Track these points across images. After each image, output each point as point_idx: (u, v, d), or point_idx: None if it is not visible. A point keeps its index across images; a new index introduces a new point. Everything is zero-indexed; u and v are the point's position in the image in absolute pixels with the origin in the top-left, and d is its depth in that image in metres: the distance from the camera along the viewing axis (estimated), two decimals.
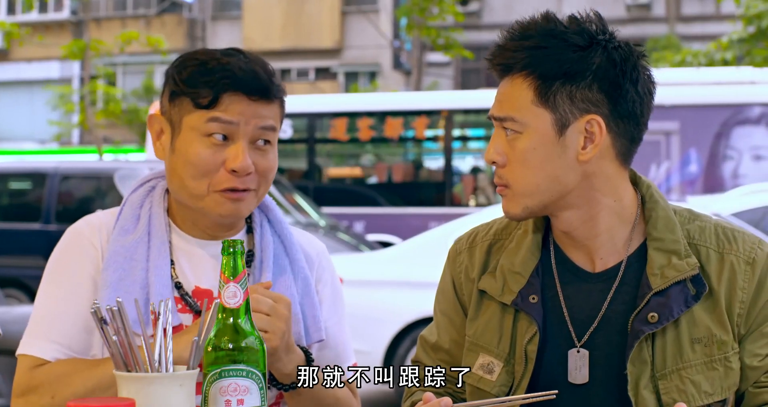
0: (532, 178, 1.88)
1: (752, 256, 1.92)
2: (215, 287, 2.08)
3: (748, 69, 15.04)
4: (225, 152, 2.03)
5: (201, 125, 2.03)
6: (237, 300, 1.74)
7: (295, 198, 12.52)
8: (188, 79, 2.05)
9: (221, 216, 2.08)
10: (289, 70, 33.65)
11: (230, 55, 2.07)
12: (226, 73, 2.03)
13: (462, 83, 31.20)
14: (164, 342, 1.72)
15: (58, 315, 2.06)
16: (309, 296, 2.16)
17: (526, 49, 1.88)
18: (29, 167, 13.18)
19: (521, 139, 1.88)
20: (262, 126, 2.06)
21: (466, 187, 15.26)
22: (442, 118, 15.20)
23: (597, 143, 1.88)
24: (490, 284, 2.01)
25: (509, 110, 1.90)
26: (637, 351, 1.87)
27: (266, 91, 2.05)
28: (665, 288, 1.88)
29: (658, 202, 1.96)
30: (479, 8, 31.55)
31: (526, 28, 1.90)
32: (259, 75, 2.05)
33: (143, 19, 34.42)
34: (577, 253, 1.97)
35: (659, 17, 31.48)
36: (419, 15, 19.93)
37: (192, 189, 2.05)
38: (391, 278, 7.49)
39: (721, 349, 1.87)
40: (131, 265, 2.06)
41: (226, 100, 2.02)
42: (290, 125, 15.74)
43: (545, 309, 1.95)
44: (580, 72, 1.86)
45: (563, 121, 1.87)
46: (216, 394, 1.71)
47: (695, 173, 13.89)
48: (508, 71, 1.91)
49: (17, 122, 33.67)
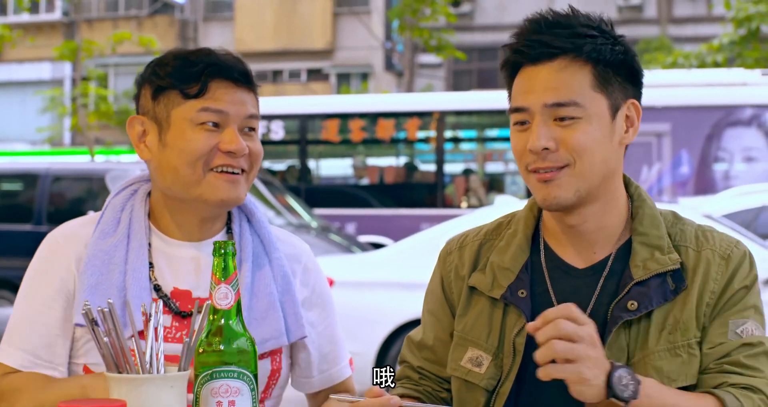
0: (590, 160, 1.92)
1: (728, 252, 1.97)
2: (194, 288, 2.12)
3: (740, 71, 15.09)
4: (219, 137, 2.09)
5: (193, 114, 2.08)
6: (228, 302, 1.74)
7: (286, 199, 12.52)
8: (173, 72, 2.10)
9: (221, 200, 2.10)
10: (281, 71, 33.65)
11: (208, 50, 2.15)
12: (211, 61, 2.09)
13: (454, 85, 31.24)
14: (155, 344, 1.72)
15: (25, 323, 2.12)
16: (289, 293, 2.18)
17: (579, 37, 1.93)
18: (21, 168, 13.16)
19: (581, 123, 1.91)
20: (248, 114, 2.12)
21: (458, 188, 15.28)
22: (434, 119, 15.21)
23: (636, 127, 1.99)
24: (480, 280, 2.05)
25: (570, 95, 1.91)
26: (614, 338, 1.91)
27: (249, 77, 2.13)
28: (646, 279, 1.93)
29: (646, 201, 2.03)
30: (471, 9, 31.58)
31: (563, 18, 1.96)
32: (241, 62, 2.14)
33: (135, 20, 34.39)
34: (569, 249, 2.02)
35: (651, 19, 31.54)
36: (411, 16, 19.97)
37: (188, 176, 2.08)
38: (383, 279, 7.49)
39: (684, 336, 1.91)
40: (109, 268, 2.09)
41: (214, 88, 2.08)
42: (282, 126, 15.75)
43: (535, 304, 1.98)
44: (620, 60, 1.95)
45: (616, 105, 1.95)
46: (207, 395, 1.71)
47: (687, 174, 13.93)
48: (554, 56, 1.93)
49: (9, 123, 33.61)
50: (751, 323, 1.93)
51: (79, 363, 2.11)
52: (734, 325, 1.92)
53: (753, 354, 1.90)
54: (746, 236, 7.21)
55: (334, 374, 2.30)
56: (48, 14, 34.29)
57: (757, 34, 19.21)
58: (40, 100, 28.61)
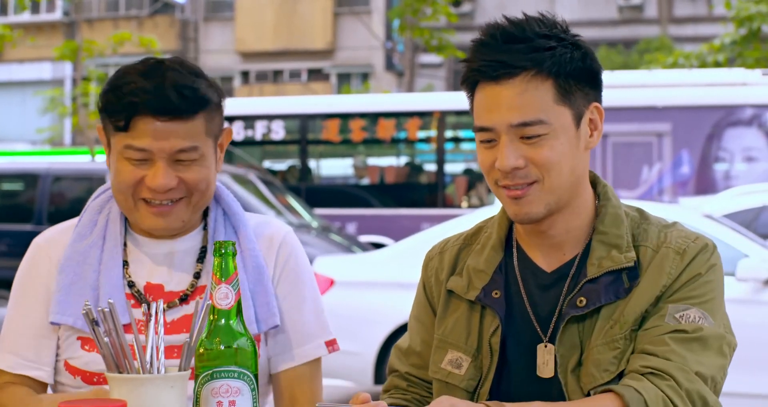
0: (561, 174, 1.92)
1: (683, 247, 1.95)
2: (167, 282, 2.17)
3: (740, 71, 15.07)
4: (146, 170, 2.09)
5: (120, 148, 2.10)
6: (229, 302, 1.75)
7: (287, 199, 12.51)
8: (106, 104, 2.10)
9: (151, 229, 2.15)
10: (282, 71, 33.65)
11: (149, 75, 2.07)
12: (134, 96, 2.05)
13: (454, 84, 31.22)
14: (156, 344, 1.73)
15: (12, 326, 2.20)
16: (262, 284, 2.18)
17: (539, 51, 1.90)
18: (21, 168, 13.16)
19: (547, 139, 1.90)
20: (175, 149, 2.07)
21: (459, 188, 15.27)
22: (435, 119, 15.21)
23: (600, 130, 1.99)
24: (457, 283, 2.07)
25: (535, 113, 1.90)
26: (567, 334, 1.94)
27: (176, 110, 2.05)
28: (598, 276, 1.94)
29: (610, 200, 2.02)
30: (472, 9, 31.60)
31: (517, 31, 1.93)
32: (168, 95, 2.05)
33: (135, 20, 34.39)
34: (539, 252, 2.03)
35: (651, 19, 31.54)
36: (412, 16, 19.96)
37: (122, 202, 2.14)
38: (383, 279, 7.47)
39: (622, 328, 1.91)
40: (83, 269, 2.16)
41: (138, 124, 2.06)
42: (282, 126, 15.75)
43: (510, 305, 2.01)
44: (580, 67, 1.94)
45: (579, 114, 1.95)
46: (208, 395, 1.72)
47: (687, 174, 13.92)
48: (514, 74, 1.90)
49: (9, 123, 33.61)
50: (695, 310, 1.89)
51: (61, 360, 2.17)
52: (674, 310, 1.89)
53: (682, 338, 1.86)
54: (746, 236, 7.20)
55: (297, 354, 2.24)
56: (48, 14, 34.30)
57: (758, 34, 19.21)
58: (41, 100, 28.62)
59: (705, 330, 1.88)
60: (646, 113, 13.73)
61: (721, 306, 1.95)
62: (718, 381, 1.90)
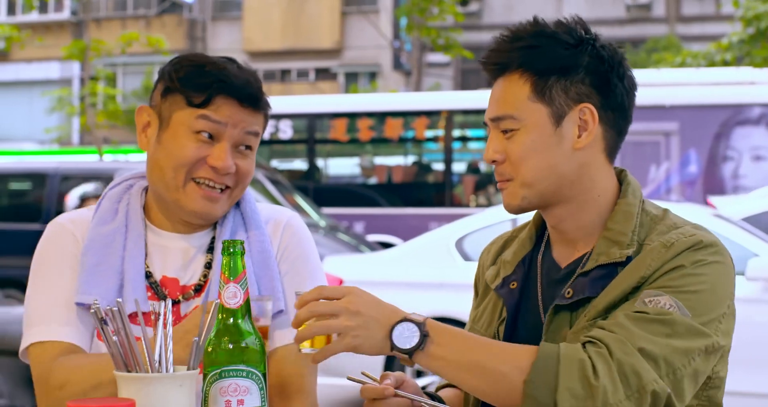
0: (532, 169, 1.98)
1: (672, 241, 1.92)
2: (181, 277, 2.18)
3: (748, 69, 15.05)
4: (209, 150, 2.12)
5: (191, 121, 2.12)
6: (237, 301, 1.75)
7: (294, 198, 12.52)
8: (184, 77, 2.13)
9: (195, 212, 2.16)
10: (289, 70, 33.67)
11: (225, 62, 2.17)
12: (222, 77, 2.12)
13: (462, 84, 31.22)
14: (164, 342, 1.73)
15: (43, 300, 2.14)
16: (268, 268, 2.20)
17: (520, 49, 2.00)
18: (29, 168, 13.18)
19: (519, 134, 1.99)
20: (247, 130, 2.15)
21: (467, 187, 15.27)
22: (442, 118, 15.21)
23: (590, 131, 1.99)
24: (490, 273, 2.17)
25: (506, 109, 2.00)
26: (554, 322, 1.97)
27: (256, 100, 2.16)
28: (589, 270, 1.97)
29: (627, 197, 2.04)
30: (479, 8, 31.57)
31: (517, 31, 2.02)
32: (252, 84, 2.16)
33: (143, 20, 34.45)
34: (559, 247, 2.09)
35: (659, 18, 31.50)
36: (419, 15, 19.95)
37: (170, 180, 2.14)
38: (391, 279, 7.48)
39: (589, 316, 1.91)
40: (108, 251, 2.16)
41: (218, 102, 2.12)
42: (290, 126, 15.75)
43: (526, 296, 2.08)
44: (573, 67, 1.98)
45: (559, 113, 1.98)
46: (216, 394, 1.72)
47: (695, 173, 13.90)
48: (503, 71, 2.02)
49: (17, 122, 33.68)
50: (667, 298, 1.84)
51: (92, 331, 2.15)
52: (646, 295, 1.86)
53: (639, 317, 1.82)
54: (757, 236, 7.18)
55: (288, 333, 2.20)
56: (56, 14, 34.37)
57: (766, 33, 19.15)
58: (49, 99, 28.66)
59: (672, 316, 1.82)
60: (654, 112, 13.70)
61: (708, 304, 1.87)
62: (679, 368, 1.80)
